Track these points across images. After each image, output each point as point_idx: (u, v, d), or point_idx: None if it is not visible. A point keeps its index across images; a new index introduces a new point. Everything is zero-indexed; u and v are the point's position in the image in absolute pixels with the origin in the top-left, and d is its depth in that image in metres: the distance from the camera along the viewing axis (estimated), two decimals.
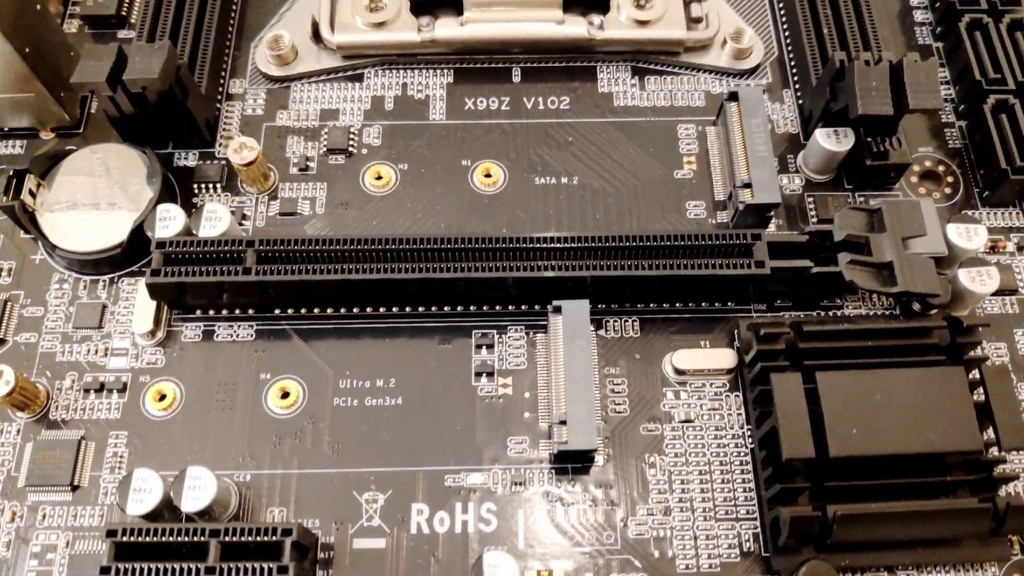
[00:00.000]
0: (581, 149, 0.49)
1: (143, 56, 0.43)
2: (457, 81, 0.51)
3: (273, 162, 0.48)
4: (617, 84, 0.51)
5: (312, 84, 0.50)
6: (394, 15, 0.49)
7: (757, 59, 0.51)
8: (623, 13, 0.50)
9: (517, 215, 0.47)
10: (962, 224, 0.43)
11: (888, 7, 0.54)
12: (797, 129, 0.49)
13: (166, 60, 0.43)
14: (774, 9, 0.53)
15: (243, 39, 0.52)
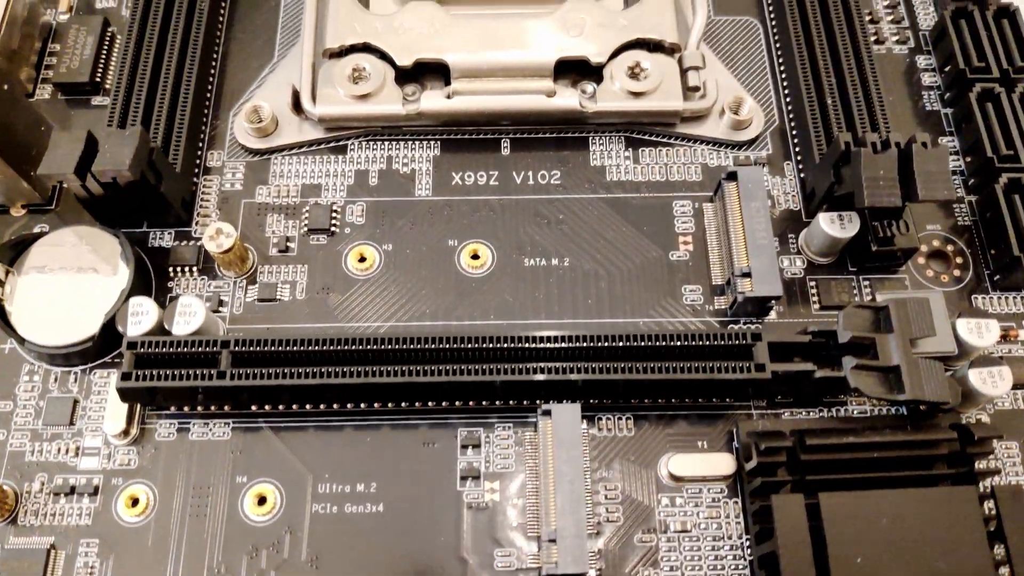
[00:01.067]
0: (572, 228, 0.47)
1: (113, 144, 0.41)
2: (444, 153, 0.49)
3: (252, 242, 0.46)
4: (610, 156, 0.48)
5: (293, 156, 0.48)
6: (378, 86, 0.47)
7: (757, 129, 0.48)
8: (616, 83, 0.47)
9: (505, 300, 0.45)
10: (972, 320, 0.41)
11: (894, 67, 0.52)
12: (799, 205, 0.47)
13: (137, 148, 0.41)
14: (775, 75, 0.51)
15: (221, 107, 0.50)
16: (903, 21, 0.53)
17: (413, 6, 0.49)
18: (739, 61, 0.51)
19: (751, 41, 0.52)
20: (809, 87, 0.48)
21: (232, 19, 0.53)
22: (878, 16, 0.53)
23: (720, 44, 0.52)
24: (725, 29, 0.52)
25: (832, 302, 0.45)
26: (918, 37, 0.52)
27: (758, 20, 0.53)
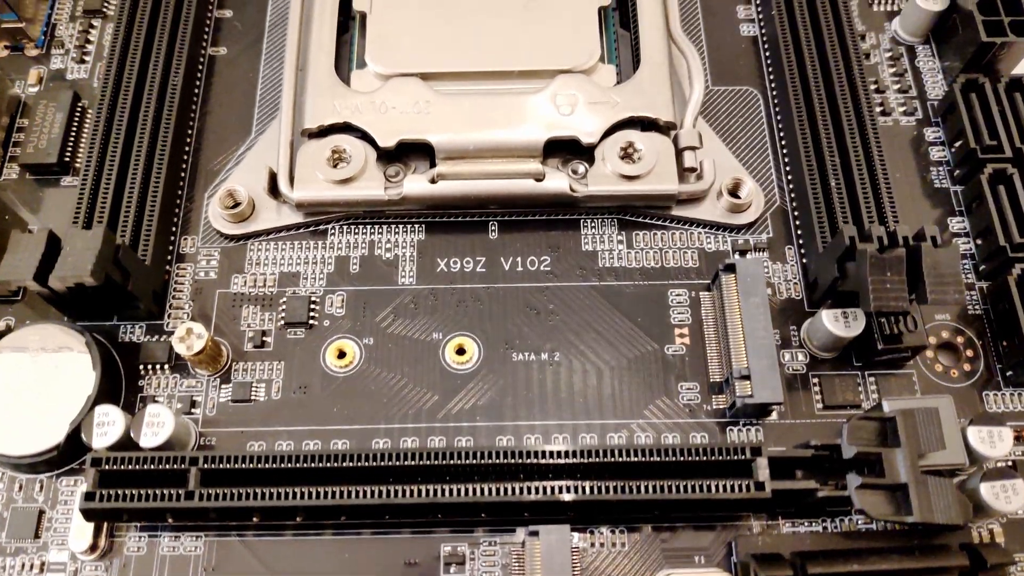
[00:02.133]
0: (563, 319, 0.44)
1: (76, 246, 0.39)
2: (429, 237, 0.47)
3: (226, 335, 0.44)
4: (602, 241, 0.46)
5: (271, 242, 0.46)
6: (359, 169, 0.45)
7: (757, 212, 0.46)
8: (609, 165, 0.45)
9: (492, 398, 0.43)
10: (984, 428, 0.39)
11: (901, 139, 0.49)
12: (801, 294, 0.45)
13: (100, 251, 0.39)
14: (776, 149, 0.49)
15: (197, 187, 0.48)
16: (910, 90, 0.50)
17: (396, 83, 0.47)
18: (738, 134, 0.49)
19: (751, 112, 0.50)
20: (812, 167, 0.46)
21: (207, 93, 0.51)
22: (884, 85, 0.50)
23: (718, 116, 0.50)
24: (723, 100, 0.50)
25: (836, 401, 0.42)
26: (926, 107, 0.50)
27: (758, 90, 0.51)
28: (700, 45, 0.52)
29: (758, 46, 0.52)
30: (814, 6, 0.50)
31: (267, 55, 0.52)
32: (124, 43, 0.49)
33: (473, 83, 0.48)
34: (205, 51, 0.52)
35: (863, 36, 0.52)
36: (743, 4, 0.53)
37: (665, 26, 0.49)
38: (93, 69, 0.52)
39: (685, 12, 0.53)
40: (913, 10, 0.51)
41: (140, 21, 0.50)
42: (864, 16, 0.53)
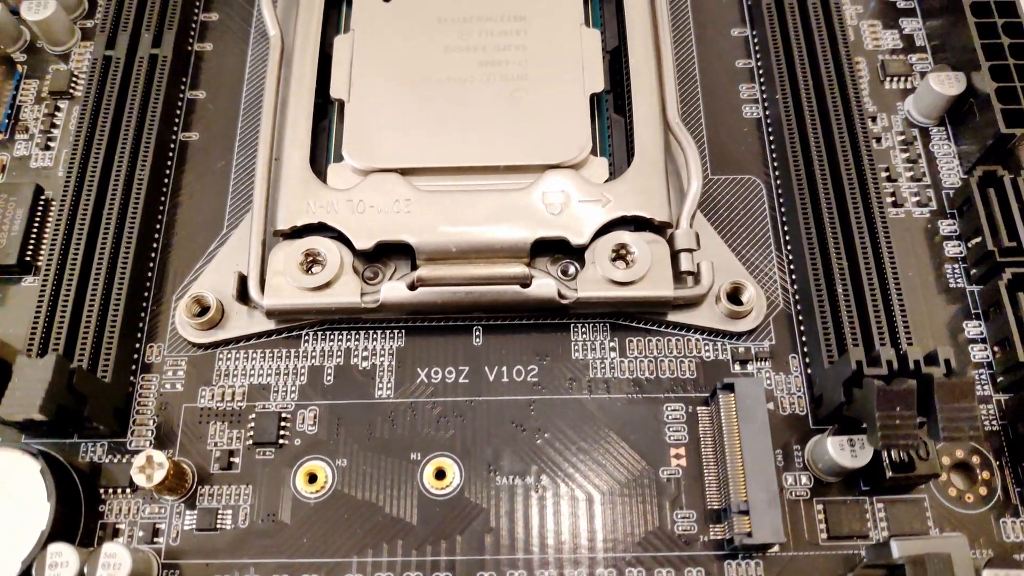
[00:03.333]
0: (551, 437, 0.42)
1: (26, 378, 0.37)
2: (409, 343, 0.44)
3: (192, 455, 0.41)
4: (593, 348, 0.43)
5: (241, 351, 0.44)
6: (334, 274, 0.42)
7: (758, 319, 0.43)
8: (600, 268, 0.42)
9: (473, 528, 0.40)
10: (1001, 571, 0.36)
11: (913, 232, 0.46)
12: (805, 409, 0.42)
13: (51, 383, 0.37)
14: (779, 244, 0.46)
15: (165, 287, 0.46)
16: (924, 178, 0.47)
17: (374, 179, 0.44)
18: (738, 228, 0.46)
19: (753, 204, 0.47)
20: (817, 271, 0.43)
21: (178, 181, 0.48)
22: (896, 172, 0.47)
23: (717, 207, 0.47)
24: (724, 189, 0.47)
25: (841, 531, 0.39)
26: (941, 197, 0.47)
27: (761, 179, 0.47)
28: (699, 128, 0.49)
29: (761, 130, 0.49)
30: (820, 85, 0.47)
31: (241, 141, 0.49)
32: (91, 126, 0.47)
33: (456, 179, 0.45)
34: (176, 136, 0.49)
35: (874, 118, 0.49)
36: (746, 83, 0.50)
37: (661, 113, 0.46)
38: (58, 156, 0.49)
39: (684, 90, 0.50)
40: (928, 92, 0.47)
41: (108, 102, 0.48)
42: (875, 95, 0.50)
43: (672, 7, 0.52)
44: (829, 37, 0.49)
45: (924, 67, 0.50)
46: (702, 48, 0.51)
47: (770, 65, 0.49)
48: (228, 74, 0.51)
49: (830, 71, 0.48)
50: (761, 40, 0.50)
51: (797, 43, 0.49)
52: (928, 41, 0.51)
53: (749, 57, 0.51)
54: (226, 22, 0.52)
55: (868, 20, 0.52)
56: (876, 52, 0.51)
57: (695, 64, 0.50)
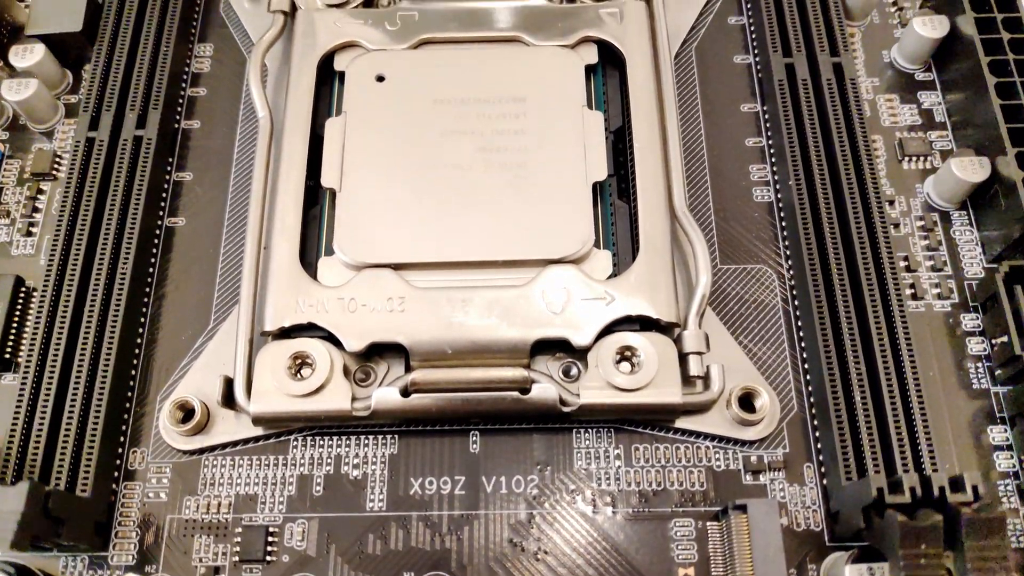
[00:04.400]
0: (553, 559, 0.39)
1: None
2: (403, 449, 0.42)
3: (176, 570, 0.39)
4: (596, 457, 0.41)
5: (227, 457, 0.42)
6: (323, 379, 0.40)
7: (771, 426, 0.41)
8: (603, 373, 0.40)
9: None
10: None
11: (935, 326, 0.44)
12: (821, 524, 0.40)
13: (23, 516, 0.35)
14: (793, 341, 0.43)
15: (149, 387, 0.44)
16: (945, 267, 0.45)
17: (367, 276, 0.42)
18: (750, 322, 0.44)
19: (765, 296, 0.45)
20: (833, 374, 0.40)
21: (163, 270, 0.46)
22: (916, 261, 0.45)
23: (727, 300, 0.44)
24: (733, 281, 0.45)
25: None
26: (963, 288, 0.44)
27: (773, 270, 0.45)
28: (707, 213, 0.46)
29: (773, 215, 0.46)
30: (835, 165, 0.45)
31: (229, 226, 0.47)
32: (73, 212, 0.45)
33: (452, 274, 0.42)
34: (162, 221, 0.47)
35: (892, 201, 0.46)
36: (757, 163, 0.48)
37: (668, 202, 0.44)
38: (40, 242, 0.47)
39: (691, 170, 0.47)
40: (949, 176, 0.45)
41: (91, 186, 0.46)
42: (893, 176, 0.47)
43: (678, 80, 0.50)
44: (844, 113, 0.46)
45: (944, 145, 0.48)
46: (710, 125, 0.49)
47: (782, 144, 0.46)
48: (216, 153, 0.49)
49: (845, 151, 0.45)
50: (772, 116, 0.48)
51: (810, 119, 0.46)
52: (948, 117, 0.49)
53: (760, 135, 0.48)
54: (214, 98, 0.50)
55: (885, 95, 0.49)
56: (894, 129, 0.48)
57: (703, 142, 0.48)
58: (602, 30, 0.48)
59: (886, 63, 0.50)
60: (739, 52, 0.51)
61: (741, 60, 0.50)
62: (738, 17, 0.52)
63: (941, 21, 0.48)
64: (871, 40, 0.51)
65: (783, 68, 0.47)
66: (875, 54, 0.51)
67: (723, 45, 0.51)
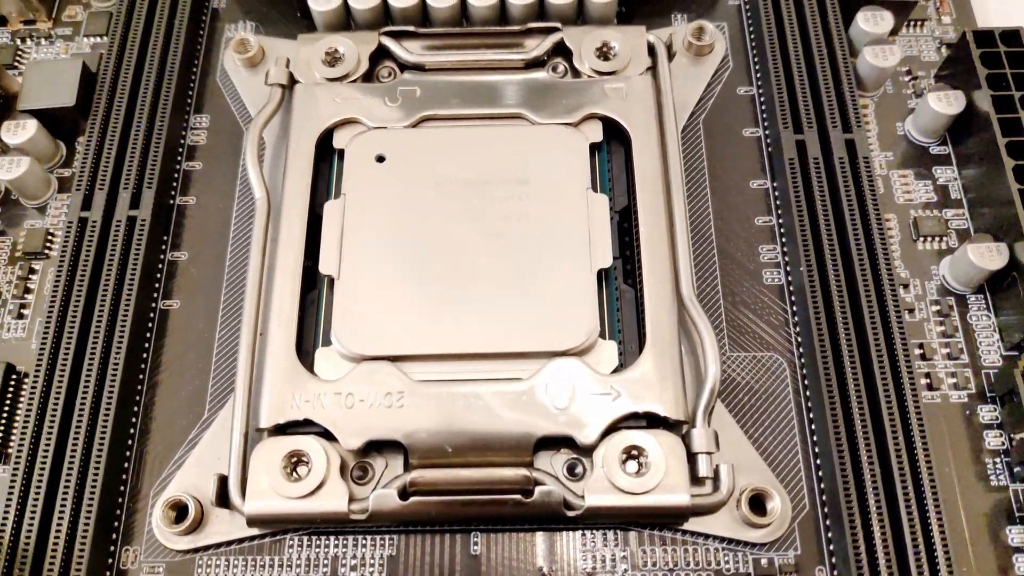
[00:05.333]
0: None
1: None
2: (401, 551, 0.40)
3: None
4: (603, 560, 0.40)
5: (222, 556, 0.40)
6: (320, 479, 0.39)
7: (782, 528, 0.40)
8: (609, 473, 0.39)
9: None
10: None
11: (951, 418, 0.42)
12: None
13: None
14: (805, 434, 0.42)
15: (142, 479, 0.42)
16: (961, 355, 0.43)
17: (365, 369, 0.41)
18: (760, 414, 0.43)
19: (775, 386, 0.43)
20: (846, 473, 0.39)
21: (157, 356, 0.45)
22: (931, 350, 0.44)
23: (736, 390, 0.43)
24: (743, 369, 0.44)
25: None
26: (980, 378, 0.43)
27: (784, 357, 0.44)
28: (716, 297, 0.45)
29: (784, 298, 0.45)
30: (847, 247, 0.44)
31: (225, 308, 0.46)
32: (65, 295, 0.44)
33: (453, 366, 0.41)
34: (156, 303, 0.46)
35: (906, 285, 0.45)
36: (766, 243, 0.46)
37: (675, 289, 0.43)
38: (32, 326, 0.46)
39: (699, 251, 0.46)
40: (965, 261, 0.44)
41: (84, 266, 0.45)
42: (908, 257, 0.46)
43: (685, 154, 0.48)
44: (857, 193, 0.45)
45: (960, 224, 0.47)
46: (718, 202, 0.47)
47: (792, 223, 0.45)
48: (212, 231, 0.48)
49: (858, 232, 0.44)
50: (782, 194, 0.47)
51: (822, 199, 0.45)
52: (964, 193, 0.47)
53: (770, 214, 0.47)
54: (210, 172, 0.49)
55: (899, 170, 0.48)
56: (908, 206, 0.47)
57: (710, 221, 0.47)
58: (607, 107, 0.46)
59: (900, 135, 0.49)
60: (748, 125, 0.49)
61: (750, 133, 0.49)
62: (747, 87, 0.50)
63: (957, 97, 0.47)
64: (885, 111, 0.50)
65: (794, 145, 0.46)
66: (889, 126, 0.49)
67: (732, 117, 0.50)
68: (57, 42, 0.54)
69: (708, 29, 0.50)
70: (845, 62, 0.48)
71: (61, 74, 0.49)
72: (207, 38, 0.53)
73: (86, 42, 0.53)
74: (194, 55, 0.52)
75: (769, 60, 0.49)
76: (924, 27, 0.52)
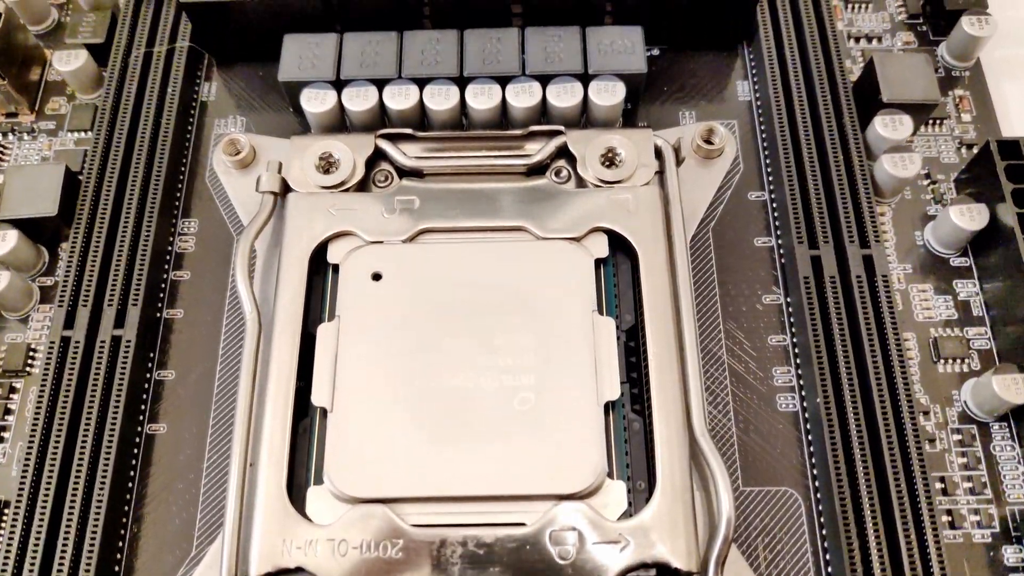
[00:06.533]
0: None
1: None
2: None
3: None
4: None
5: None
6: None
7: None
8: None
9: None
10: None
11: (976, 558, 0.40)
12: None
13: None
14: None
15: None
16: (985, 490, 0.42)
17: (360, 513, 0.39)
18: (774, 554, 0.41)
19: (790, 523, 0.41)
20: None
21: (142, 486, 0.43)
22: (953, 483, 0.42)
23: (748, 527, 0.41)
24: (756, 505, 0.42)
25: None
26: (1005, 518, 0.41)
27: (799, 492, 0.42)
28: (728, 426, 0.43)
29: (799, 427, 0.43)
30: (865, 373, 0.42)
31: (213, 433, 0.44)
32: (48, 417, 0.42)
33: (451, 508, 0.39)
34: (142, 428, 0.44)
35: (927, 412, 0.43)
36: (780, 365, 0.44)
37: (686, 423, 0.40)
38: (13, 451, 0.44)
39: (710, 375, 0.44)
40: (988, 390, 0.42)
41: (67, 388, 0.43)
42: (927, 380, 0.44)
43: (695, 266, 0.47)
44: (875, 311, 0.43)
45: (983, 344, 0.45)
46: (730, 320, 0.45)
47: (807, 343, 0.43)
48: (200, 347, 0.46)
49: (876, 356, 0.42)
50: (796, 311, 0.45)
51: (838, 317, 0.43)
52: (987, 310, 0.45)
53: (783, 332, 0.45)
54: (199, 282, 0.47)
55: (918, 284, 0.46)
56: (928, 324, 0.45)
57: (722, 341, 0.45)
58: (613, 221, 0.44)
59: (919, 245, 0.47)
60: (760, 234, 0.47)
61: (763, 243, 0.47)
62: (759, 193, 0.48)
63: (980, 211, 0.45)
64: (903, 218, 0.48)
65: (809, 262, 0.44)
66: (907, 234, 0.47)
67: (743, 224, 0.48)
68: (40, 137, 0.51)
69: (719, 132, 0.47)
70: (863, 169, 0.46)
71: (43, 181, 0.47)
72: (195, 134, 0.51)
73: (70, 137, 0.51)
74: (182, 153, 0.50)
75: (782, 166, 0.47)
76: (943, 125, 0.50)
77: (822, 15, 0.51)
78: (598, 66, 0.48)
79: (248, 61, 0.53)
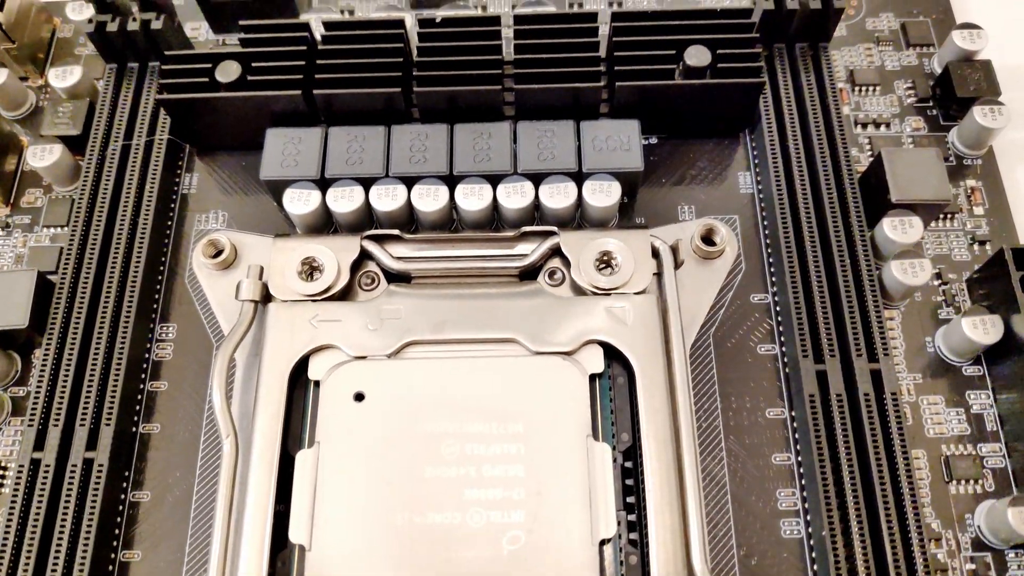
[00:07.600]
0: None
1: None
2: None
3: None
4: None
5: None
6: None
7: None
8: None
9: None
10: None
11: None
12: None
13: None
14: None
15: None
16: None
17: None
18: None
19: None
20: None
21: None
22: None
23: None
24: None
25: None
26: None
27: None
28: (729, 554, 0.41)
29: (803, 555, 0.41)
30: (873, 500, 0.40)
31: (190, 562, 0.42)
32: (16, 544, 0.41)
33: None
34: (116, 555, 0.42)
35: (938, 538, 0.41)
36: (785, 487, 0.42)
37: (685, 561, 0.38)
38: None
39: (710, 499, 0.42)
40: (1002, 518, 0.40)
41: (37, 512, 0.41)
42: (939, 503, 0.42)
43: (694, 375, 0.44)
44: (884, 435, 0.41)
45: (997, 463, 0.42)
46: (730, 436, 0.43)
47: (812, 463, 0.41)
48: (177, 465, 0.44)
49: (884, 480, 0.40)
50: (801, 428, 0.42)
51: (844, 439, 0.41)
52: (1001, 425, 0.43)
53: (787, 450, 0.43)
54: (176, 394, 0.45)
55: (928, 395, 0.44)
56: (939, 441, 0.43)
57: (723, 459, 0.43)
58: (609, 333, 0.42)
59: (929, 351, 0.45)
60: (764, 341, 0.45)
61: (766, 351, 0.45)
62: (762, 295, 0.46)
63: (994, 323, 0.43)
64: (912, 322, 0.46)
65: (814, 378, 0.42)
66: (917, 340, 0.45)
67: (745, 330, 0.45)
68: (15, 233, 0.50)
69: (719, 232, 0.45)
70: (871, 276, 0.44)
71: (14, 290, 0.45)
72: (175, 230, 0.49)
73: (45, 233, 0.49)
74: (161, 251, 0.48)
75: (786, 269, 0.44)
76: (955, 220, 0.48)
77: (827, 100, 0.49)
78: (593, 164, 0.46)
79: (230, 151, 0.51)
